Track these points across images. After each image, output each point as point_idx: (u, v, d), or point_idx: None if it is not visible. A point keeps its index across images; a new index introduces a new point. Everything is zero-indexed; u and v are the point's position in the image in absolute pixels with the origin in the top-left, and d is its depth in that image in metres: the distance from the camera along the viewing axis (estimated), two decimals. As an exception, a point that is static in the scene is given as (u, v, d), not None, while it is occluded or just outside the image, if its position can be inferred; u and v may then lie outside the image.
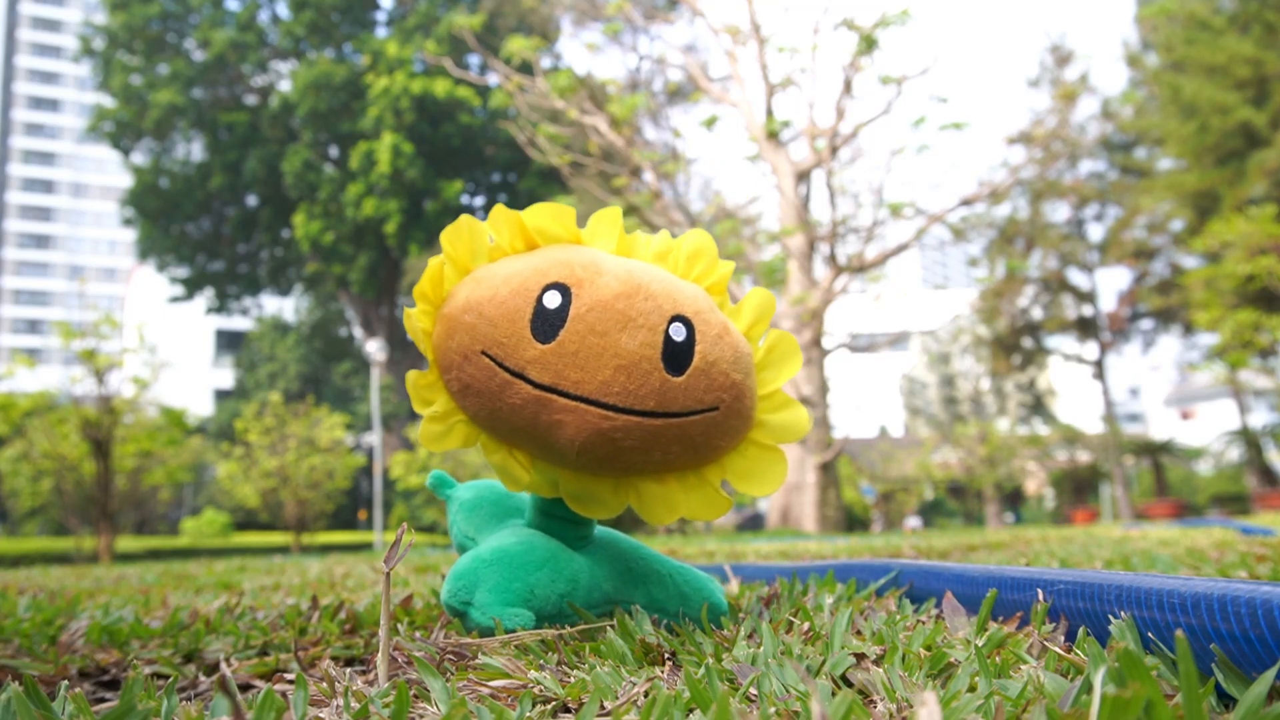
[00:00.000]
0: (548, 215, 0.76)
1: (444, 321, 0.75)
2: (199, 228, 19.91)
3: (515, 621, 0.71)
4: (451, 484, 1.05)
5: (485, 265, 0.76)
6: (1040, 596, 0.67)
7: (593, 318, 0.69)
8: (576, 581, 0.78)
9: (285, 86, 19.28)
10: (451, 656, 0.67)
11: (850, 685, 0.52)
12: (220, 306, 21.31)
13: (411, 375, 0.78)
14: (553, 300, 0.70)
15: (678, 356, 0.71)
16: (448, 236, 0.75)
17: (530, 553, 0.77)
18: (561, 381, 0.69)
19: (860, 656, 0.56)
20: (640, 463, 0.74)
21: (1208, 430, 23.41)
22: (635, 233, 0.80)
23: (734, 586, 1.19)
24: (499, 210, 0.76)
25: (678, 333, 0.71)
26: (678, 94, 14.17)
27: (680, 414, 0.71)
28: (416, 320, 0.77)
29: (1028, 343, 19.05)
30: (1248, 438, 15.35)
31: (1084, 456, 19.51)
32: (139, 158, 19.74)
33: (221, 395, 31.80)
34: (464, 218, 0.76)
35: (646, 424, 0.71)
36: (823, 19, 8.73)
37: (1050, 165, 10.41)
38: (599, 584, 0.81)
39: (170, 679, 0.55)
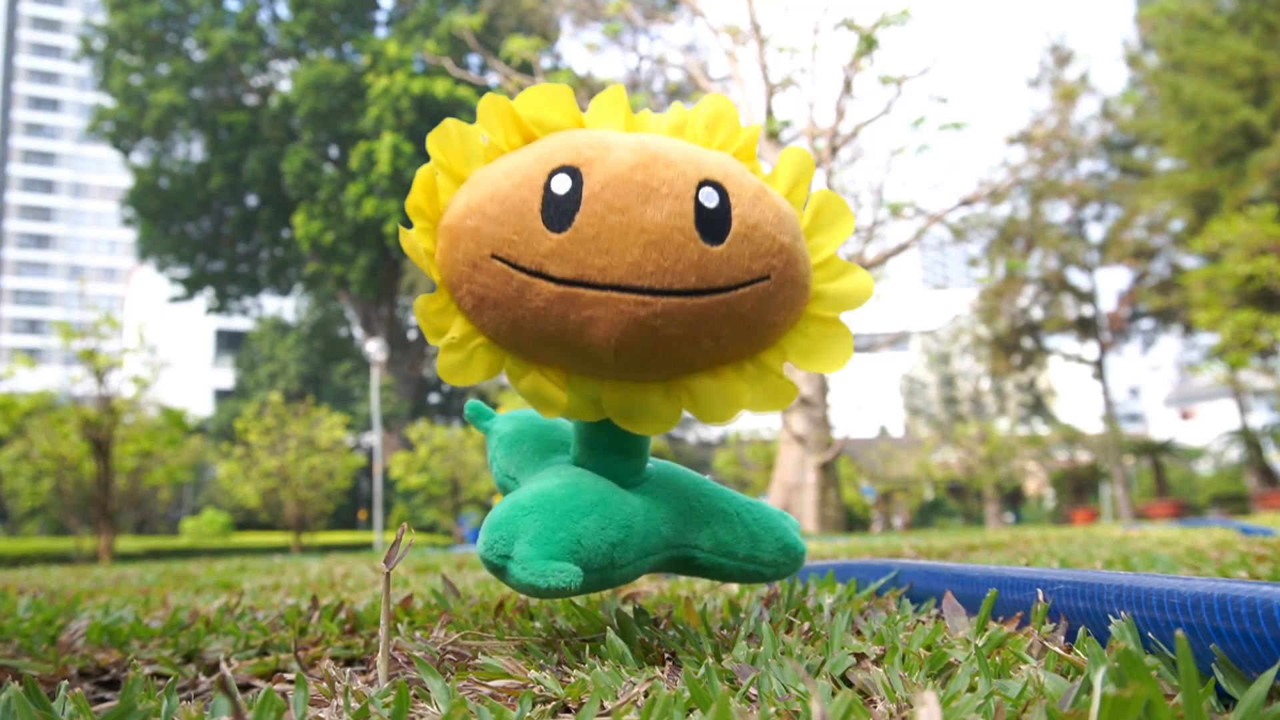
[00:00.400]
0: (543, 100, 0.67)
1: (445, 234, 0.67)
2: (199, 228, 19.92)
3: (560, 579, 0.62)
4: (489, 414, 0.96)
5: (482, 168, 0.68)
6: (1040, 596, 0.67)
7: (609, 195, 0.61)
8: (630, 527, 0.69)
9: (285, 86, 19.29)
10: (451, 656, 0.67)
11: (850, 685, 0.52)
12: (220, 306, 21.32)
13: (420, 301, 0.70)
14: (562, 185, 0.62)
15: (714, 224, 0.62)
16: (435, 142, 0.67)
17: (576, 496, 0.68)
18: (586, 271, 0.61)
19: (860, 656, 0.56)
20: (689, 353, 0.65)
21: (1208, 430, 23.40)
22: (644, 111, 0.71)
23: (734, 586, 1.19)
24: (488, 101, 0.67)
25: (709, 198, 0.62)
26: (678, 94, 14.16)
27: (727, 288, 0.63)
28: (415, 239, 0.68)
29: (1028, 343, 19.06)
30: (1248, 438, 15.35)
31: (1084, 456, 19.52)
32: (139, 158, 19.75)
33: (221, 395, 31.79)
34: (449, 121, 0.67)
35: (690, 305, 0.62)
36: (823, 19, 8.72)
37: (1050, 165, 10.41)
38: (656, 527, 0.72)
39: (170, 679, 0.55)
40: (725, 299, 0.63)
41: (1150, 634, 0.54)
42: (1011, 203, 16.42)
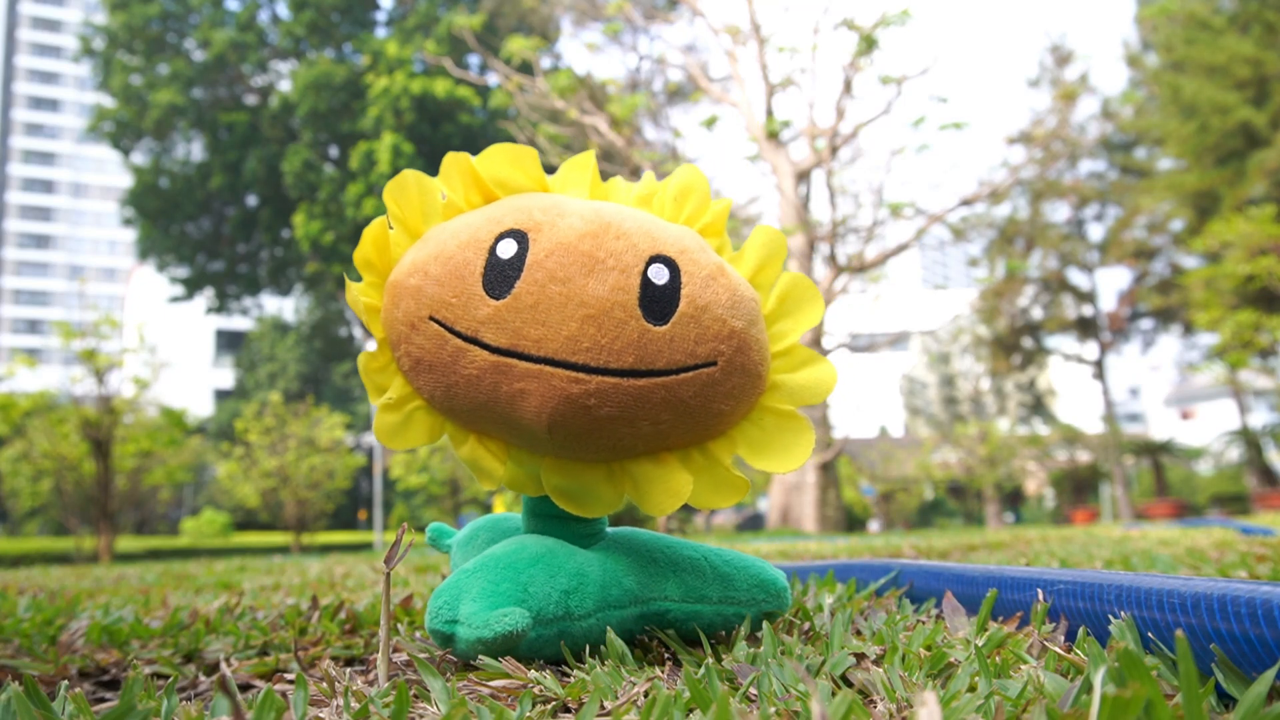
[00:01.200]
0: (506, 161, 0.66)
1: (390, 290, 0.65)
2: (199, 228, 19.91)
3: (506, 624, 0.58)
4: (450, 533, 0.96)
5: (437, 226, 0.66)
6: (1040, 596, 0.67)
7: (552, 263, 0.59)
8: (584, 575, 0.65)
9: (285, 86, 19.29)
10: (451, 656, 0.67)
11: (850, 685, 0.52)
12: (220, 306, 21.32)
13: (362, 358, 0.68)
14: (507, 249, 0.60)
15: (659, 303, 0.60)
16: (392, 195, 0.66)
17: (520, 551, 0.65)
18: (521, 342, 0.59)
19: (860, 656, 0.56)
20: (627, 437, 0.62)
21: (1208, 430, 23.40)
22: (615, 179, 0.69)
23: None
24: (450, 159, 0.66)
25: (658, 275, 0.60)
26: (678, 94, 14.16)
27: (667, 371, 0.60)
28: (360, 294, 0.67)
29: (1028, 343, 19.05)
30: (1248, 438, 15.34)
31: (1084, 456, 19.51)
32: (139, 158, 19.75)
33: (221, 395, 31.81)
34: (408, 173, 0.66)
35: (626, 385, 0.59)
36: (823, 19, 8.72)
37: (1050, 165, 10.41)
38: (617, 578, 0.68)
39: (170, 679, 0.55)
40: (664, 382, 0.60)
41: (1150, 634, 0.54)
42: (1011, 203, 16.43)
